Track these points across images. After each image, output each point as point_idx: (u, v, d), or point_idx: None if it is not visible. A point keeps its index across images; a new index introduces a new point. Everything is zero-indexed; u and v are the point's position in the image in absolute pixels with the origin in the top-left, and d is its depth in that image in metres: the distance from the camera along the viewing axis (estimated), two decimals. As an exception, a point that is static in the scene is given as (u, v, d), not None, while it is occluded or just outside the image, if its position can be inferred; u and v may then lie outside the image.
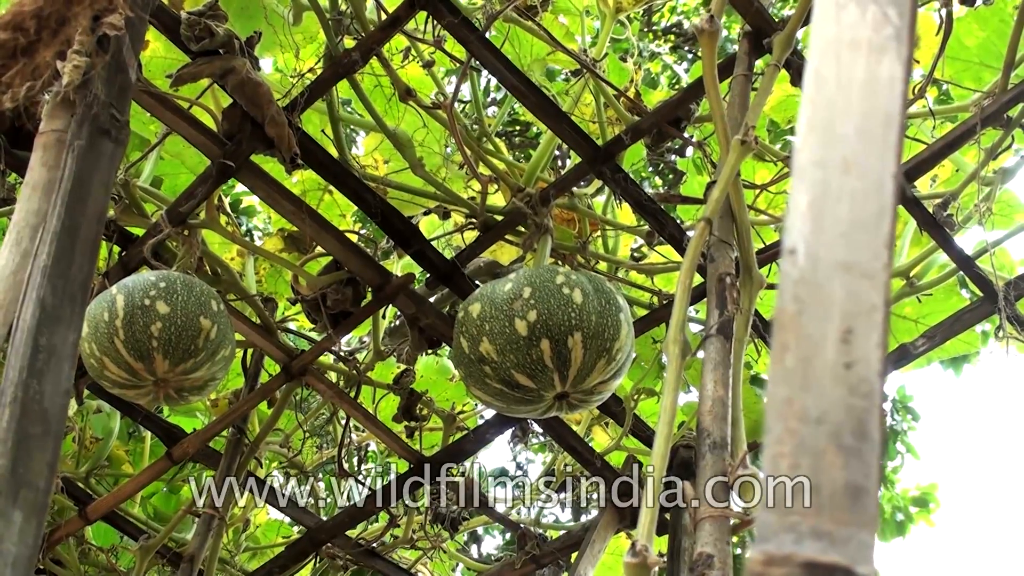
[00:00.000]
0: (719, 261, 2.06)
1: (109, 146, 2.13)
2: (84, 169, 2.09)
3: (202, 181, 2.76)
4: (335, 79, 2.82)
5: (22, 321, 1.89)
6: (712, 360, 1.92)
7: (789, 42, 2.41)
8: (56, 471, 1.85)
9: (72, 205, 2.03)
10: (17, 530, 1.70)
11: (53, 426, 1.83)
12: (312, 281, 2.93)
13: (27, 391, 1.80)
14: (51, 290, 1.92)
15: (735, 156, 2.12)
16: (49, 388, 1.84)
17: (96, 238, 2.06)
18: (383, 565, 3.88)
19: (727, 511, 1.73)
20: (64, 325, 1.91)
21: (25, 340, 1.85)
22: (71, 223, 2.01)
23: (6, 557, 1.67)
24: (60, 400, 1.86)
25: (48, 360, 1.86)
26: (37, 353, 1.84)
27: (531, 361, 2.54)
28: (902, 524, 11.49)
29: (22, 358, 1.84)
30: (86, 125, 2.13)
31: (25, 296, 1.92)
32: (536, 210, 2.91)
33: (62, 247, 1.98)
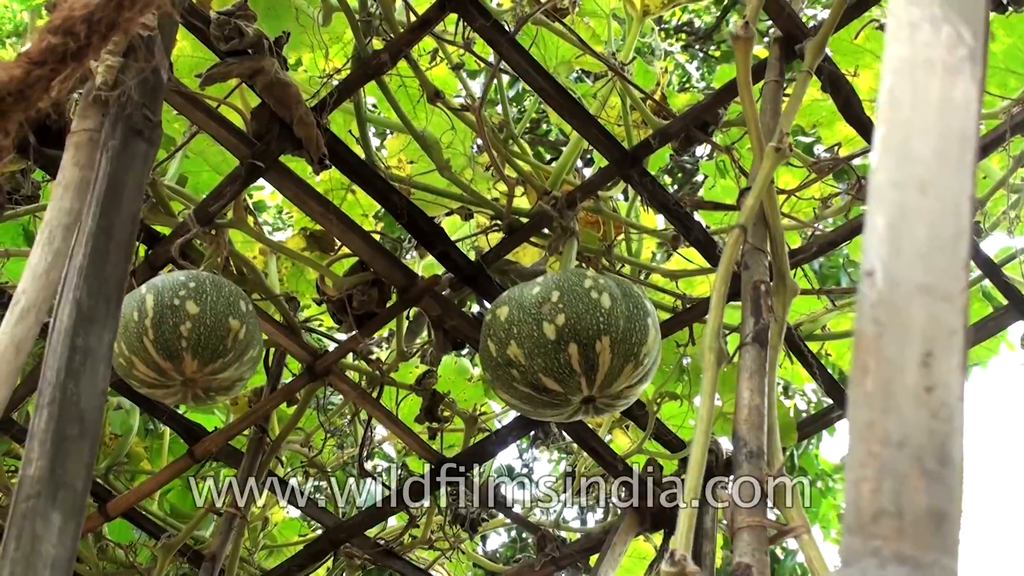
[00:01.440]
0: (753, 268, 2.06)
1: (142, 146, 2.13)
2: (118, 170, 2.09)
3: (231, 181, 2.77)
4: (364, 80, 2.82)
5: (59, 322, 1.89)
6: (748, 368, 1.92)
7: (821, 48, 2.41)
8: (92, 472, 1.86)
9: (106, 206, 2.03)
10: (56, 531, 1.70)
11: (89, 427, 1.84)
12: (338, 282, 2.94)
13: (64, 392, 1.81)
14: (87, 291, 1.93)
15: (769, 163, 2.12)
16: (86, 389, 1.84)
17: (130, 239, 2.07)
18: (401, 565, 3.88)
19: (765, 520, 1.73)
20: (99, 326, 1.91)
21: (62, 341, 1.85)
22: (106, 224, 2.02)
23: (45, 559, 1.67)
24: (96, 401, 1.86)
25: (84, 361, 1.86)
26: (74, 354, 1.84)
27: (559, 365, 2.54)
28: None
29: (59, 359, 1.84)
30: (120, 125, 2.14)
31: (61, 297, 1.92)
32: (562, 213, 2.91)
33: (97, 248, 1.98)
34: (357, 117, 2.97)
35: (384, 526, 3.85)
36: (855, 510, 0.75)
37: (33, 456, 1.76)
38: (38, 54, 1.48)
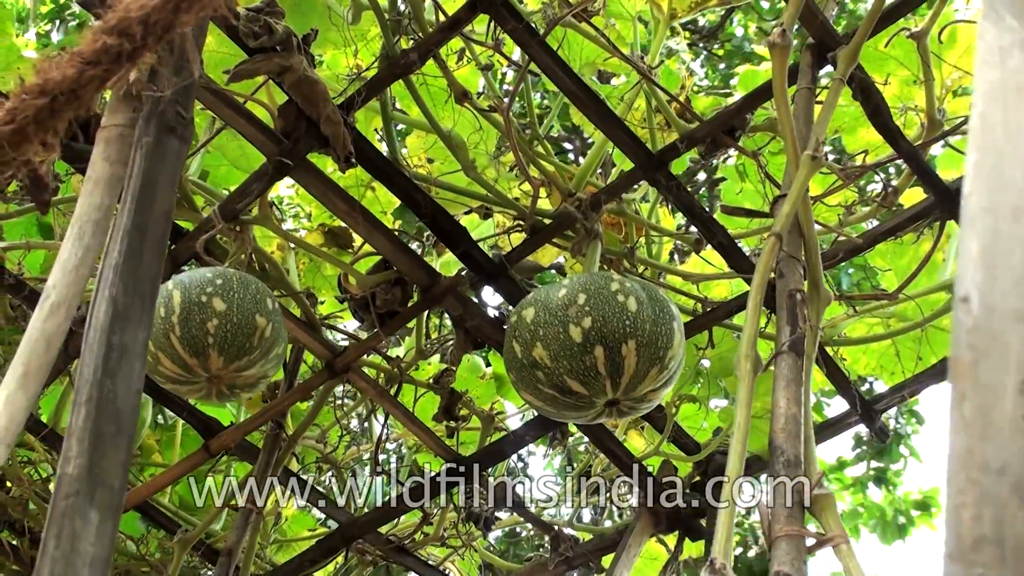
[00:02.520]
0: (788, 277, 2.06)
1: (175, 144, 2.13)
2: (151, 167, 2.09)
3: (257, 178, 2.76)
4: (391, 79, 2.82)
5: (95, 319, 1.89)
6: (784, 377, 1.92)
7: (854, 57, 2.41)
8: (128, 471, 1.86)
9: (141, 203, 2.03)
10: (94, 530, 1.70)
11: (125, 426, 1.83)
12: (362, 280, 2.94)
13: (102, 390, 1.80)
14: (122, 288, 1.92)
15: (805, 171, 2.12)
16: (122, 387, 1.84)
17: (163, 237, 2.06)
18: (413, 562, 3.89)
19: (804, 530, 1.73)
20: (134, 324, 1.91)
21: (98, 339, 1.85)
22: (140, 221, 2.02)
23: (84, 557, 1.67)
24: (132, 400, 1.86)
25: (120, 359, 1.86)
26: (110, 351, 1.84)
27: (584, 368, 2.55)
28: (903, 527, 11.52)
29: (96, 357, 1.84)
30: (153, 122, 2.14)
31: (97, 294, 1.92)
32: (586, 215, 2.91)
33: (132, 245, 1.98)
34: (383, 115, 2.97)
35: (396, 523, 3.85)
36: (956, 537, 0.76)
37: (72, 454, 1.76)
38: (92, 54, 1.47)
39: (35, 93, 1.52)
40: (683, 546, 3.54)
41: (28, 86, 1.52)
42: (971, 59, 3.13)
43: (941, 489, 11.77)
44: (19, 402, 1.83)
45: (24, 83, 1.53)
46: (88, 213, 2.02)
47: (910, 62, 3.12)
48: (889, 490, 11.61)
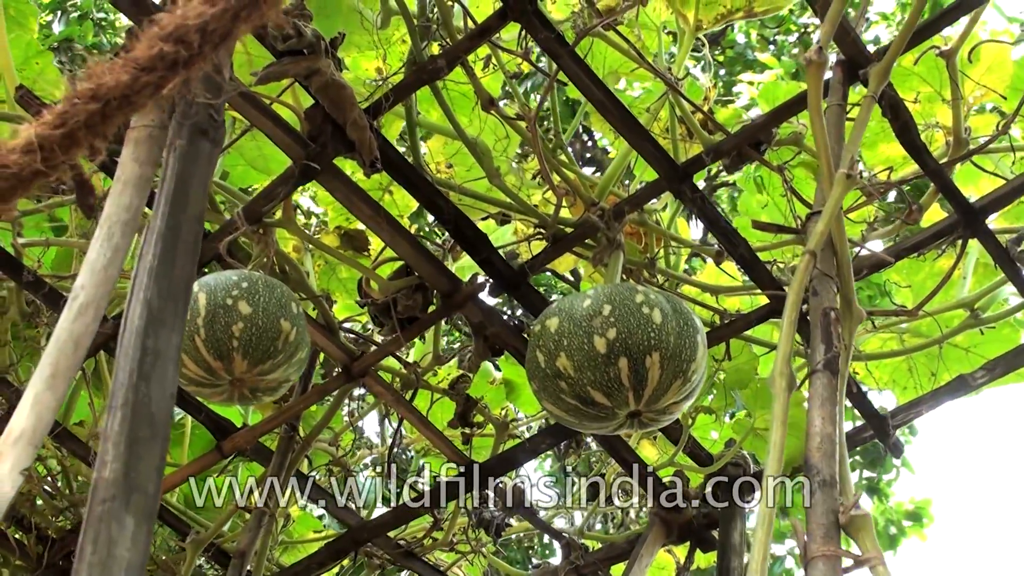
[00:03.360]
0: (822, 295, 2.06)
1: (207, 146, 2.13)
2: (184, 170, 2.09)
3: (283, 181, 2.76)
4: (418, 84, 2.81)
5: (130, 322, 1.88)
6: (819, 396, 1.92)
7: (886, 74, 2.42)
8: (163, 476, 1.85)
9: (174, 206, 2.03)
10: (130, 535, 1.69)
11: (160, 430, 1.83)
12: (383, 285, 2.93)
13: (137, 394, 1.80)
14: (156, 292, 1.92)
15: (840, 189, 2.12)
16: (156, 391, 1.83)
17: (196, 240, 2.06)
18: (420, 567, 3.89)
19: (840, 550, 1.73)
20: (168, 327, 1.90)
21: (133, 342, 1.85)
22: (174, 224, 2.02)
23: (120, 563, 1.67)
24: (166, 404, 1.86)
25: (155, 363, 1.85)
26: (145, 355, 1.84)
27: (608, 379, 2.54)
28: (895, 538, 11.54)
29: (131, 360, 1.83)
30: (186, 125, 2.13)
31: (132, 297, 1.91)
32: (609, 225, 2.91)
33: (166, 249, 1.98)
34: (407, 121, 2.97)
35: (404, 527, 3.84)
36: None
37: (107, 458, 1.76)
38: (147, 60, 1.47)
39: (87, 98, 1.51)
40: (694, 557, 3.54)
41: (80, 90, 1.51)
42: (994, 77, 3.14)
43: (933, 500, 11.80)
44: (47, 402, 1.82)
45: (75, 87, 1.53)
46: (117, 214, 2.01)
47: (932, 79, 3.13)
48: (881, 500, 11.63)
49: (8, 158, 1.54)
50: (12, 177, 1.55)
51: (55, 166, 1.59)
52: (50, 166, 1.56)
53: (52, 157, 1.56)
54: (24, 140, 1.53)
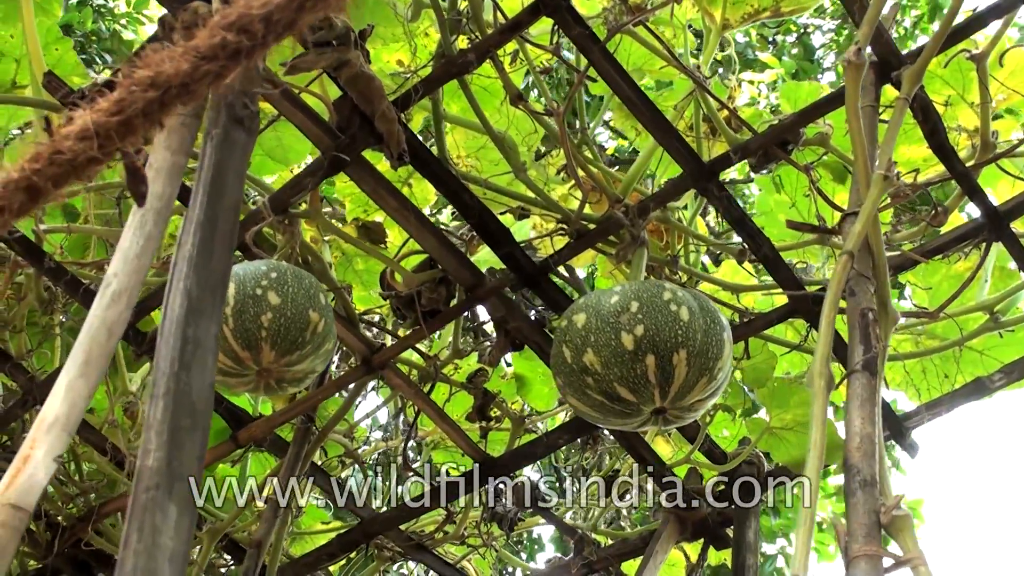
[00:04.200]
0: (860, 295, 2.07)
1: (242, 136, 2.13)
2: (221, 159, 2.09)
3: (311, 172, 2.75)
4: (447, 78, 2.81)
5: (170, 311, 1.89)
6: (858, 396, 1.93)
7: (919, 76, 2.42)
8: (204, 465, 1.85)
9: (211, 195, 2.03)
10: (173, 524, 1.70)
11: (200, 420, 1.83)
12: (408, 278, 2.93)
13: (178, 383, 1.80)
14: (196, 281, 1.92)
15: (877, 190, 2.13)
16: (196, 381, 1.83)
17: (233, 230, 2.06)
18: (431, 560, 3.89)
19: (881, 550, 1.74)
20: (207, 317, 1.90)
21: (174, 331, 1.85)
22: (211, 214, 2.01)
23: (164, 552, 1.67)
24: (206, 393, 1.86)
25: (194, 352, 1.85)
26: (186, 344, 1.84)
27: (635, 375, 2.55)
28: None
29: (172, 349, 1.83)
30: (222, 115, 2.13)
31: (171, 287, 1.91)
32: (633, 221, 2.91)
33: (204, 238, 1.98)
34: (434, 114, 2.96)
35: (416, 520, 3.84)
36: None
37: (151, 447, 1.76)
38: (209, 49, 1.46)
39: (145, 85, 1.51)
40: (707, 554, 3.55)
41: (137, 77, 1.51)
42: (1018, 80, 3.15)
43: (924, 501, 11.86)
44: (80, 389, 1.82)
45: (133, 74, 1.52)
46: (150, 202, 2.01)
47: (955, 81, 3.13)
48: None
49: (63, 144, 1.54)
50: (66, 163, 1.55)
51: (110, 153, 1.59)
52: (105, 153, 1.56)
53: (108, 144, 1.55)
54: (79, 127, 1.53)
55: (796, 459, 3.39)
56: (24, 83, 3.63)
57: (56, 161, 1.54)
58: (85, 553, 4.02)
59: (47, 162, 1.55)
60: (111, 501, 3.78)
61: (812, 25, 13.54)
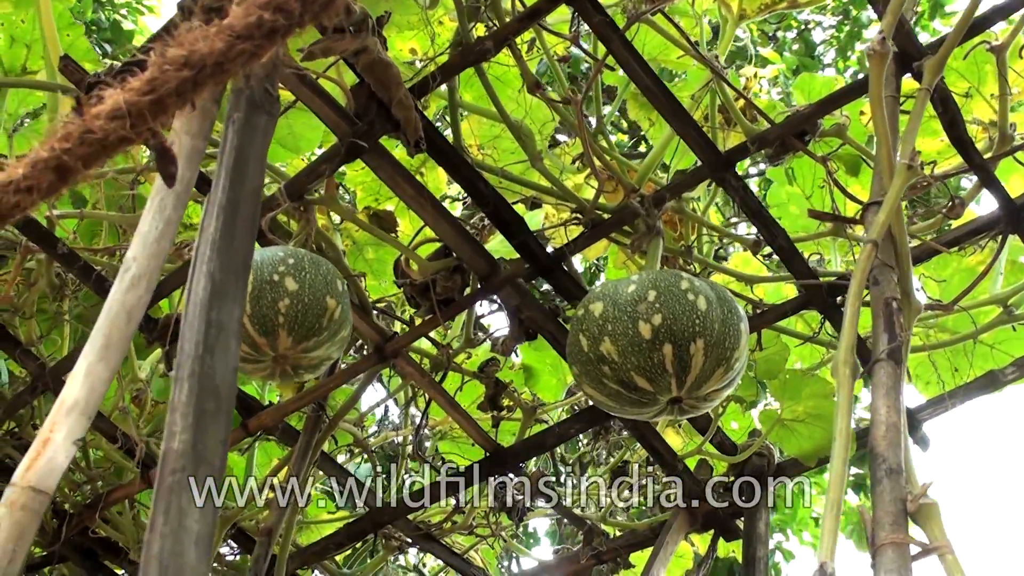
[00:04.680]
0: (884, 284, 2.06)
1: (263, 120, 2.12)
2: (242, 143, 2.08)
3: (328, 158, 2.74)
4: (464, 66, 2.80)
5: (194, 295, 1.88)
6: (884, 385, 1.92)
7: (941, 67, 2.41)
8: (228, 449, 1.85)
9: (234, 179, 2.02)
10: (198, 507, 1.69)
11: (224, 404, 1.82)
12: (423, 266, 2.92)
13: (202, 366, 1.79)
14: (219, 265, 1.91)
15: (901, 180, 2.12)
16: (220, 364, 1.83)
17: (255, 214, 2.05)
18: (439, 550, 3.89)
19: (908, 538, 1.73)
20: (230, 301, 1.90)
21: (198, 314, 1.84)
22: (233, 197, 2.01)
23: (190, 534, 1.66)
24: (229, 377, 1.85)
25: (218, 336, 1.84)
26: (209, 328, 1.83)
27: (652, 364, 2.54)
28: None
29: (196, 332, 1.83)
30: (243, 99, 2.12)
31: (195, 270, 1.90)
32: (648, 211, 2.90)
33: (227, 222, 1.97)
34: (450, 102, 2.96)
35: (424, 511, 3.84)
36: None
37: (176, 429, 1.75)
38: (244, 28, 1.45)
39: (178, 64, 1.50)
40: (717, 545, 3.55)
41: (170, 57, 1.50)
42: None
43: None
44: (100, 373, 1.82)
45: (165, 53, 1.51)
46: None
47: (970, 74, 3.13)
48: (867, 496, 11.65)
49: (93, 123, 1.53)
50: (97, 143, 1.54)
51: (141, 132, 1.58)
52: (137, 132, 1.55)
53: (140, 123, 1.54)
54: (111, 106, 1.52)
55: (807, 451, 3.38)
56: (34, 69, 3.62)
57: (87, 140, 1.53)
58: (91, 541, 4.02)
59: (77, 141, 1.54)
60: (119, 488, 3.77)
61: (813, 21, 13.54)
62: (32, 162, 1.55)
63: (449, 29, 3.24)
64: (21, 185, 1.57)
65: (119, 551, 4.04)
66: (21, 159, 1.56)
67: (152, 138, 1.69)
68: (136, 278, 1.90)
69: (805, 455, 3.38)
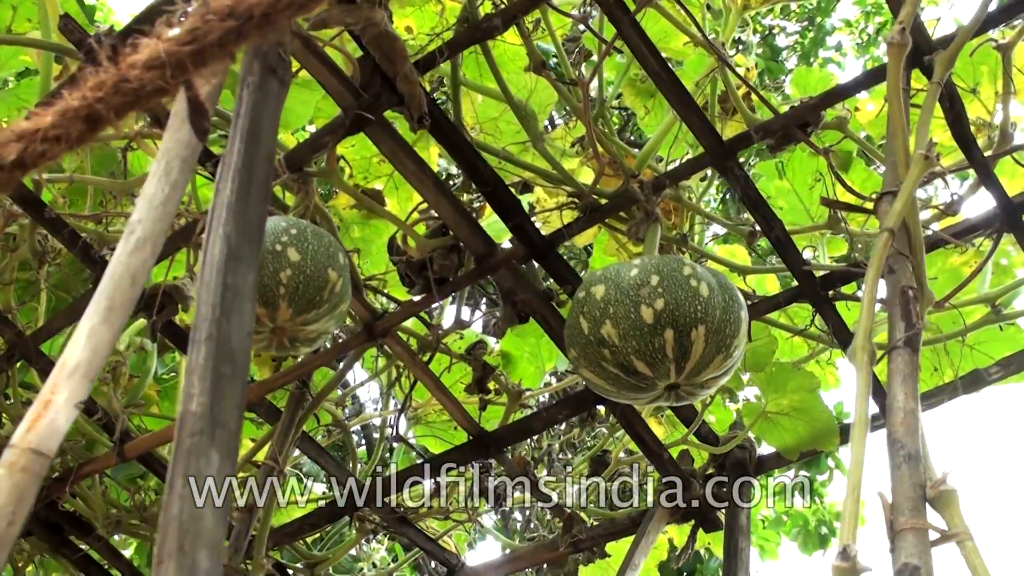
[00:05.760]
0: (899, 273, 2.07)
1: (275, 85, 2.10)
2: (256, 107, 2.06)
3: (331, 130, 2.71)
4: (470, 42, 2.78)
5: (210, 257, 1.85)
6: (901, 372, 1.93)
7: (951, 62, 2.43)
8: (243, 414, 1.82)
9: (249, 143, 2.00)
10: (216, 472, 1.66)
11: (240, 368, 1.79)
12: (421, 243, 2.90)
13: (219, 329, 1.76)
14: (235, 227, 1.88)
15: (918, 170, 2.13)
16: (235, 328, 1.80)
17: (268, 178, 2.02)
18: (413, 533, 3.86)
19: (928, 524, 1.74)
20: (245, 265, 1.87)
21: (214, 277, 1.81)
22: (248, 161, 1.98)
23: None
24: (244, 342, 1.82)
25: (233, 299, 1.81)
26: (226, 291, 1.80)
27: (652, 349, 2.53)
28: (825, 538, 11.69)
29: (213, 295, 1.80)
30: (257, 62, 2.09)
31: (211, 232, 1.87)
32: (648, 197, 2.90)
33: (242, 185, 1.94)
34: (452, 80, 2.93)
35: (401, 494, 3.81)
36: None
37: (194, 391, 1.72)
38: (294, -21, 1.42)
39: (223, 14, 1.46)
40: (696, 536, 3.55)
41: (215, 6, 1.47)
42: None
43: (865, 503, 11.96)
44: (103, 335, 1.77)
45: (209, 2, 1.48)
46: (175, 149, 1.97)
47: (965, 73, 3.15)
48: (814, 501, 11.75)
49: (130, 72, 1.49)
50: (132, 92, 1.50)
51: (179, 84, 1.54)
52: (176, 83, 1.51)
53: (180, 74, 1.51)
54: (148, 55, 1.48)
55: (789, 445, 3.40)
56: (20, 31, 3.55)
57: (122, 90, 1.49)
58: (59, 515, 3.94)
59: (111, 91, 1.50)
60: (90, 462, 3.71)
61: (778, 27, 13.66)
62: (62, 110, 1.51)
63: (449, 8, 3.21)
64: (49, 134, 1.53)
65: (85, 527, 3.97)
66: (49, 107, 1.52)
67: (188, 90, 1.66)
68: (141, 241, 1.86)
69: (787, 449, 3.39)
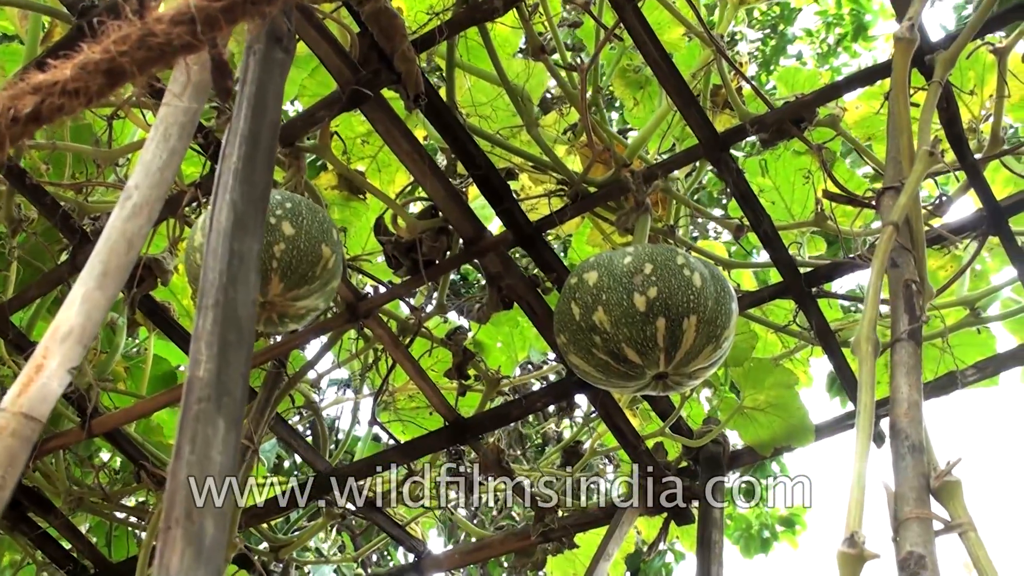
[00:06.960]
0: (903, 267, 2.08)
1: (280, 55, 2.08)
2: (262, 75, 2.04)
3: (326, 105, 2.68)
4: (469, 23, 2.76)
5: (216, 223, 1.83)
6: (905, 364, 1.94)
7: (952, 62, 2.44)
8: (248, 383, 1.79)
9: (255, 111, 1.98)
10: (221, 439, 1.64)
11: (246, 336, 1.77)
12: (412, 224, 2.87)
13: (226, 295, 1.74)
14: (241, 194, 1.86)
15: (922, 165, 2.14)
16: (241, 296, 1.78)
17: (273, 147, 2.00)
18: (382, 519, 3.83)
19: (931, 513, 1.75)
20: (250, 233, 1.85)
21: (221, 243, 1.79)
22: (255, 128, 1.96)
23: (214, 465, 1.60)
24: (249, 310, 1.80)
25: (239, 267, 1.80)
26: (232, 258, 1.78)
27: (644, 337, 2.53)
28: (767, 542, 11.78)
29: (220, 261, 1.78)
30: (263, 31, 2.07)
31: (217, 198, 1.85)
32: (639, 187, 2.89)
33: (248, 152, 1.92)
34: (448, 61, 2.91)
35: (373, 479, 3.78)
36: None
37: (201, 357, 1.69)
38: (332, -62, 1.40)
39: (256, -29, 1.44)
40: (669, 528, 3.56)
41: (248, -38, 1.44)
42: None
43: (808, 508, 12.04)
44: (97, 300, 1.74)
45: (241, -40, 1.45)
46: (174, 115, 1.94)
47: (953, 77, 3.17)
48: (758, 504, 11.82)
49: (156, 27, 1.47)
50: (158, 48, 1.48)
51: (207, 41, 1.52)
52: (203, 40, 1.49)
53: (209, 30, 1.48)
54: (177, 11, 1.46)
55: (764, 440, 3.41)
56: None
57: (147, 44, 1.47)
58: (19, 491, 3.87)
59: (136, 45, 1.48)
60: (55, 437, 3.64)
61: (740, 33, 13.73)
62: (82, 64, 1.48)
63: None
64: (68, 87, 1.50)
65: (45, 504, 3.90)
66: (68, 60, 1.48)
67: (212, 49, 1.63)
68: (138, 206, 1.83)
69: (762, 444, 3.40)
